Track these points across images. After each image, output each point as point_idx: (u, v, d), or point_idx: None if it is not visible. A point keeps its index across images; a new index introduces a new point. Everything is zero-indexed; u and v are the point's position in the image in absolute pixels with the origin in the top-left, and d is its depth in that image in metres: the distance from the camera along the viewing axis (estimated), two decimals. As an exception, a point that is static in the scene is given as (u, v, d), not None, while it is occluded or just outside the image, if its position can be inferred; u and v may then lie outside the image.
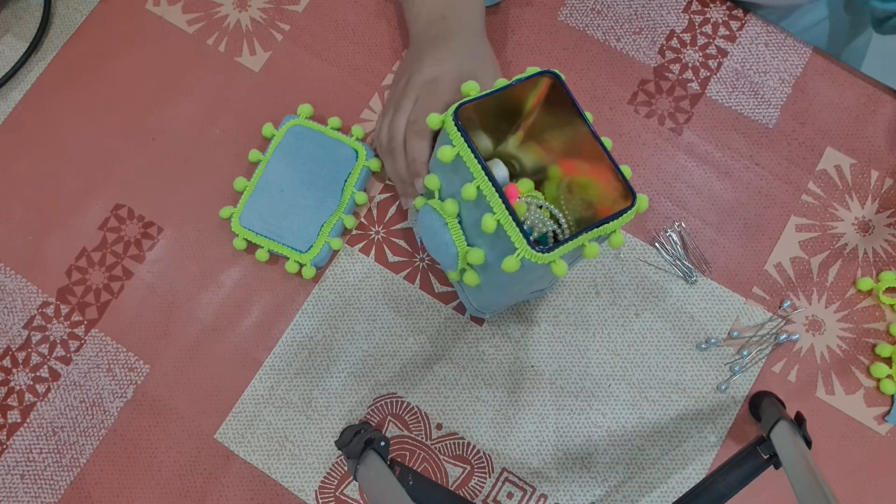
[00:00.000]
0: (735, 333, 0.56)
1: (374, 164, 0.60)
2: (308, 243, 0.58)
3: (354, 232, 0.60)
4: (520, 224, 0.42)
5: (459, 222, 0.47)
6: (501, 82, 0.46)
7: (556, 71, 0.46)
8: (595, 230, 0.43)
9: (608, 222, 0.43)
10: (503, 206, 0.43)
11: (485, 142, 0.53)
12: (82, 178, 0.62)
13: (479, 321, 0.58)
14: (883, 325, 0.56)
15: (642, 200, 0.45)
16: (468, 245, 0.47)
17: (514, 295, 0.53)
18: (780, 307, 0.57)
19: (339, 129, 0.61)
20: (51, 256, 0.61)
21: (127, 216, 0.61)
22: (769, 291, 0.57)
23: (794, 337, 0.55)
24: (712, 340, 0.56)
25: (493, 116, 0.50)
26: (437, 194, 0.49)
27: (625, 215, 0.44)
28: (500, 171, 0.53)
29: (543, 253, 0.42)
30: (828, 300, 0.57)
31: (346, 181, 0.59)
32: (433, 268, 0.59)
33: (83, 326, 0.59)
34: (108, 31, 0.66)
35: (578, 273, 0.58)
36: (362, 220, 0.60)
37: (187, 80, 0.64)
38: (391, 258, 0.59)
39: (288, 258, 0.58)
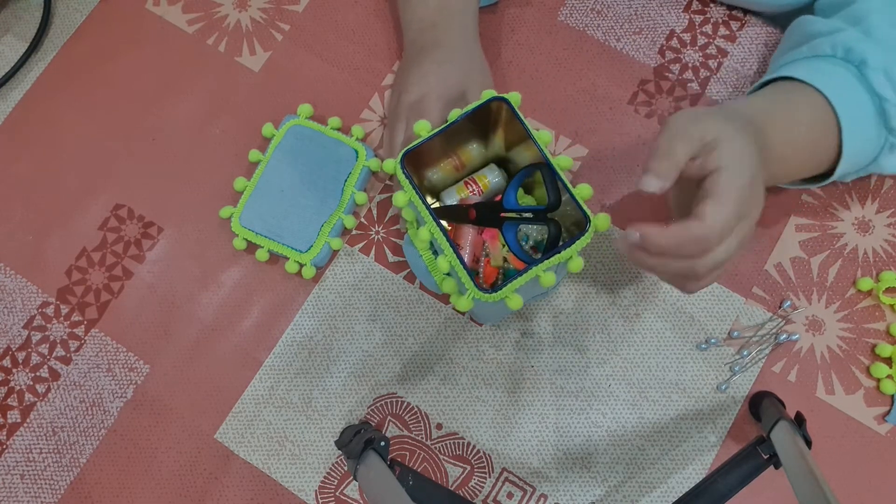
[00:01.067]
0: (735, 333, 0.56)
1: (374, 164, 0.59)
2: (308, 243, 0.58)
3: (354, 232, 0.60)
4: (466, 267, 0.45)
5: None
6: (455, 114, 0.49)
7: (507, 96, 0.48)
8: (546, 261, 0.44)
9: (561, 251, 0.44)
10: (451, 249, 0.46)
11: (475, 149, 0.55)
12: (82, 177, 0.62)
13: (479, 321, 0.58)
14: (883, 325, 0.56)
15: (600, 221, 0.46)
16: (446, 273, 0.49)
17: (506, 310, 0.53)
18: (780, 307, 0.57)
19: (339, 129, 0.61)
20: (51, 256, 0.61)
21: (127, 216, 0.61)
22: (769, 291, 0.57)
23: (794, 337, 0.55)
24: (712, 340, 0.56)
25: (479, 123, 0.51)
26: (415, 223, 0.50)
27: (579, 241, 0.45)
28: (494, 176, 0.54)
29: (489, 293, 0.44)
30: (828, 300, 0.57)
31: (346, 181, 0.59)
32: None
33: (83, 326, 0.59)
34: (108, 31, 0.66)
35: (578, 273, 0.58)
36: (362, 220, 0.60)
37: (187, 80, 0.64)
38: (391, 258, 0.59)
39: (288, 258, 0.58)
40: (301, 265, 0.58)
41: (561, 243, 0.47)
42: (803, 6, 0.59)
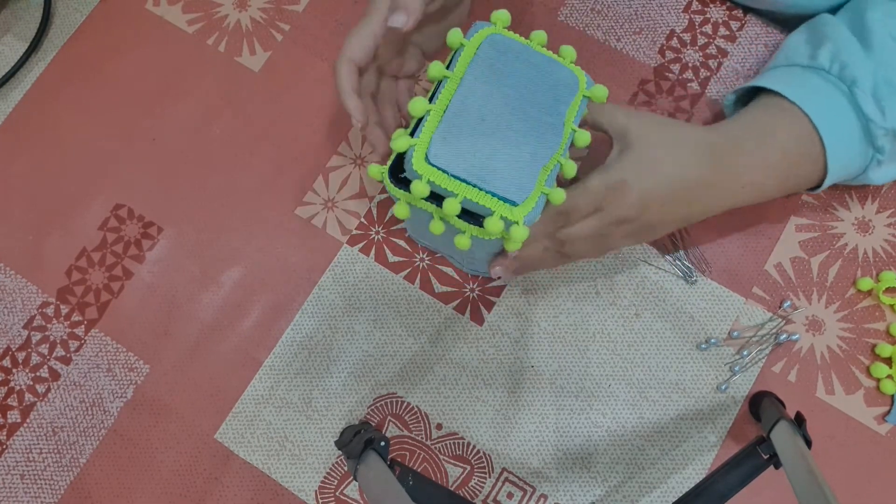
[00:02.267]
0: (735, 333, 0.56)
1: (600, 93, 0.46)
2: (523, 192, 0.42)
3: (354, 232, 0.60)
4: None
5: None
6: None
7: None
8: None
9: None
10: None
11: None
12: (82, 177, 0.62)
13: (479, 321, 0.58)
14: (883, 325, 0.56)
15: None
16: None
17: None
18: (780, 307, 0.57)
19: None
20: (51, 256, 0.61)
21: (127, 216, 0.61)
22: (769, 291, 0.57)
23: (794, 337, 0.55)
24: (712, 340, 0.56)
25: None
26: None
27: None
28: None
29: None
30: (828, 300, 0.57)
31: (565, 113, 0.45)
32: (433, 268, 0.59)
33: (83, 326, 0.59)
34: (108, 31, 0.66)
35: (578, 273, 0.58)
36: (362, 220, 0.60)
37: (187, 80, 0.64)
38: (391, 258, 0.59)
39: (491, 212, 0.42)
40: (508, 223, 0.43)
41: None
42: (825, 9, 0.58)
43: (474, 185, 0.42)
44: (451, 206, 0.41)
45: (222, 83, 0.64)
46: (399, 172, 0.45)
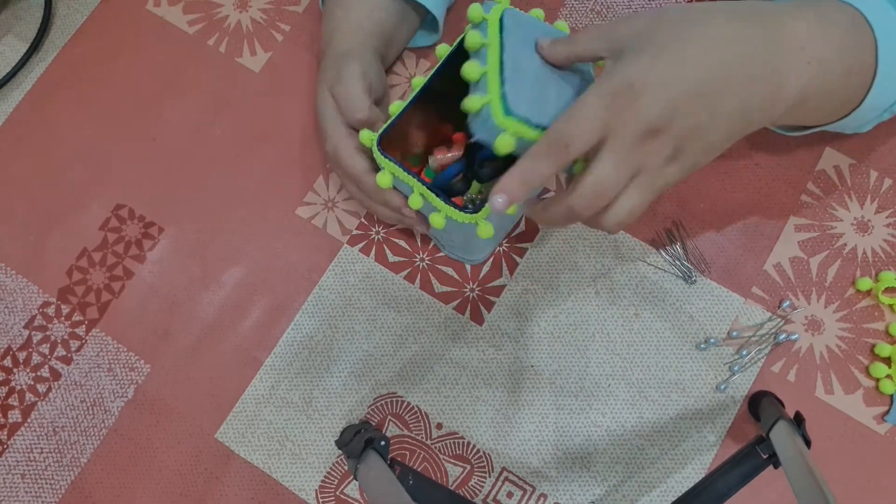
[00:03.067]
0: (734, 333, 0.56)
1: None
2: None
3: (354, 232, 0.60)
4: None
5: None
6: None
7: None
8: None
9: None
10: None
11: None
12: (83, 178, 0.63)
13: (479, 321, 0.58)
14: (882, 325, 0.56)
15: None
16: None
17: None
18: (779, 307, 0.57)
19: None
20: (52, 256, 0.61)
21: (128, 216, 0.62)
22: (768, 291, 0.57)
23: (793, 337, 0.56)
24: (711, 340, 0.56)
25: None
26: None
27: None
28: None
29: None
30: (827, 300, 0.57)
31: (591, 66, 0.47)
32: (433, 268, 0.59)
33: (84, 326, 0.59)
34: (108, 32, 0.66)
35: (578, 273, 0.58)
36: (362, 220, 0.60)
37: (188, 81, 0.64)
38: (391, 258, 0.59)
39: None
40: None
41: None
42: None
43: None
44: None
45: (223, 83, 0.64)
46: (381, 141, 0.48)
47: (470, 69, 0.42)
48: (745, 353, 0.56)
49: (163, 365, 0.58)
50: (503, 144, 0.41)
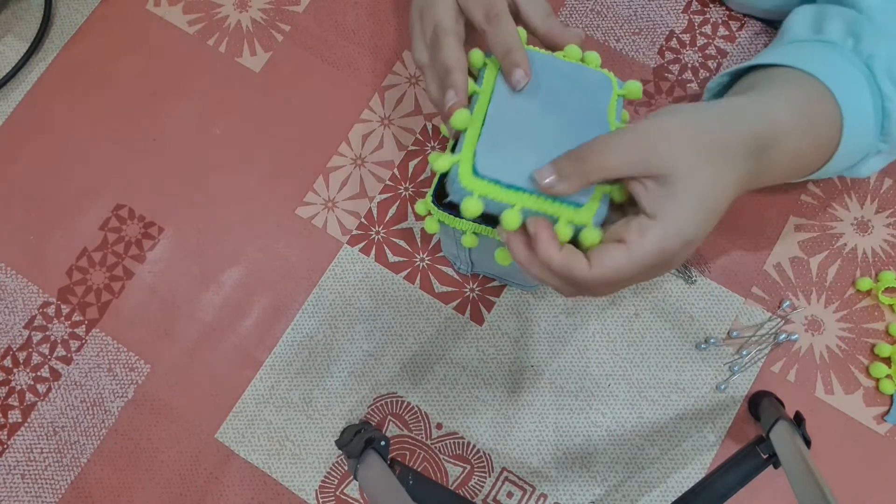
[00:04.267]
0: (734, 333, 0.56)
1: (633, 87, 0.45)
2: (586, 192, 0.39)
3: (354, 232, 0.60)
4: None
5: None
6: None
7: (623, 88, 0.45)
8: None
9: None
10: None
11: None
12: (83, 178, 0.63)
13: (479, 321, 0.58)
14: (882, 325, 0.56)
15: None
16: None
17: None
18: (779, 307, 0.57)
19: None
20: (52, 256, 0.61)
21: (128, 216, 0.62)
22: (768, 291, 0.57)
23: (793, 337, 0.56)
24: (711, 340, 0.56)
25: None
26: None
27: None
28: None
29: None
30: (827, 300, 0.57)
31: (606, 110, 0.43)
32: (433, 267, 0.59)
33: (84, 326, 0.59)
34: (108, 32, 0.66)
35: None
36: (362, 220, 0.60)
37: (188, 81, 0.64)
38: (391, 258, 0.59)
39: (556, 219, 0.39)
40: (577, 228, 0.39)
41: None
42: None
43: (531, 193, 0.39)
44: (511, 219, 0.38)
45: (223, 83, 0.64)
46: (443, 198, 0.42)
47: (458, 118, 0.41)
48: (745, 353, 0.56)
49: (163, 365, 0.58)
50: (468, 207, 0.38)
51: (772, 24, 0.63)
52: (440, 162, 0.40)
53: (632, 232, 0.38)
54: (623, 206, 0.42)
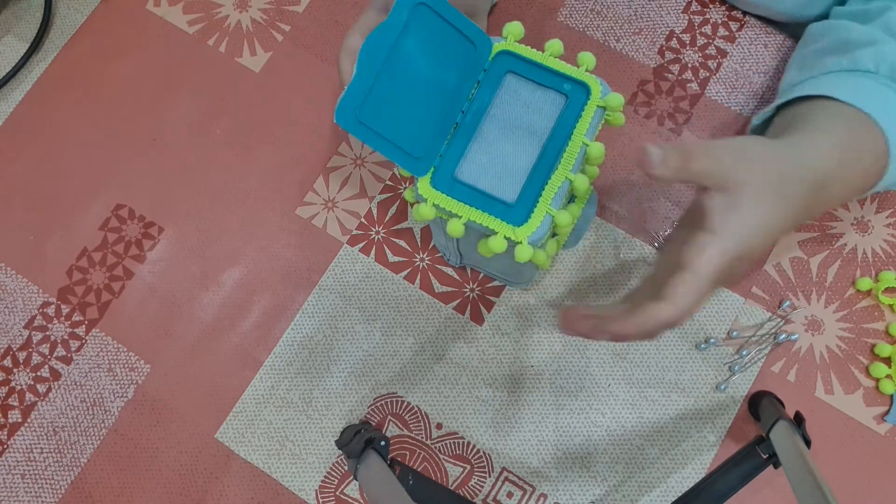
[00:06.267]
0: (734, 333, 0.56)
1: (614, 101, 0.43)
2: (525, 213, 0.42)
3: (354, 232, 0.60)
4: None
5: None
6: None
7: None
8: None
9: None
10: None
11: None
12: (83, 178, 0.63)
13: (479, 321, 0.58)
14: (882, 325, 0.56)
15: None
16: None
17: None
18: (779, 307, 0.57)
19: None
20: (52, 256, 0.61)
21: (128, 216, 0.62)
22: (768, 291, 0.57)
23: (793, 337, 0.56)
24: (711, 340, 0.56)
25: None
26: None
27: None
28: None
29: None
30: (827, 300, 0.57)
31: (573, 127, 0.42)
32: (433, 267, 0.59)
33: (84, 326, 0.59)
34: (108, 32, 0.66)
35: (578, 273, 0.58)
36: (362, 219, 0.60)
37: (188, 81, 0.64)
38: (391, 258, 0.59)
39: (495, 233, 0.42)
40: (513, 242, 0.42)
41: None
42: (813, 18, 0.58)
43: (478, 208, 0.42)
44: (455, 227, 0.42)
45: (223, 83, 0.64)
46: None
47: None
48: (744, 353, 0.56)
49: (163, 365, 0.58)
50: (421, 212, 0.42)
51: (774, 25, 0.63)
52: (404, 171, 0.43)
53: (691, 254, 0.40)
54: None
